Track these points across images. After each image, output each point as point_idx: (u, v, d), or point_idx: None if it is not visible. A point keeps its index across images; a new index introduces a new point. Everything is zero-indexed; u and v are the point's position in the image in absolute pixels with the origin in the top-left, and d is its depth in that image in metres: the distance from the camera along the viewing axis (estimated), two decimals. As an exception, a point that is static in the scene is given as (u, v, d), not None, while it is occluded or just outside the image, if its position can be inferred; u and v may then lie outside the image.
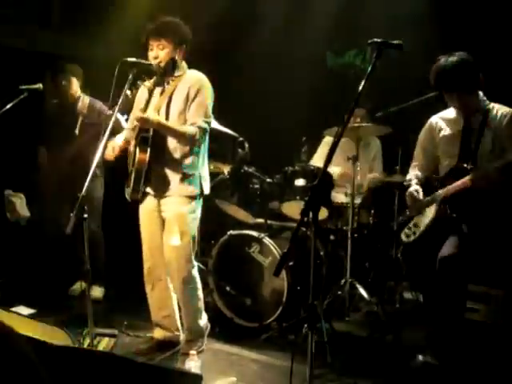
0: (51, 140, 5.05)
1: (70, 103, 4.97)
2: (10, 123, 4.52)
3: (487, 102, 3.55)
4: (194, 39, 3.69)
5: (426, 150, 3.79)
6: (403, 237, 3.67)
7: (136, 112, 3.61)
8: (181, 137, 3.56)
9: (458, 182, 3.40)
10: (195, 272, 3.79)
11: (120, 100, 3.38)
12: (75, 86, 4.96)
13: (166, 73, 3.62)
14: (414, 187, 3.68)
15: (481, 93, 3.55)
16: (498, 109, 3.52)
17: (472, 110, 3.53)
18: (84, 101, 4.96)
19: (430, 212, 3.55)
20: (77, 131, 4.89)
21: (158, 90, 3.70)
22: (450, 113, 3.70)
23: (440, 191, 3.53)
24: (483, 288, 4.23)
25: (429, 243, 3.49)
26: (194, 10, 5.51)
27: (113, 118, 3.29)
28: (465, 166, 3.45)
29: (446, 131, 3.66)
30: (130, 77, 3.40)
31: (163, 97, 3.62)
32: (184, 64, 3.71)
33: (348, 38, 5.93)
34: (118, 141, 3.73)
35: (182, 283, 3.72)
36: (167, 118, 3.61)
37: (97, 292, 4.94)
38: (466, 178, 3.36)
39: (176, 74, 3.64)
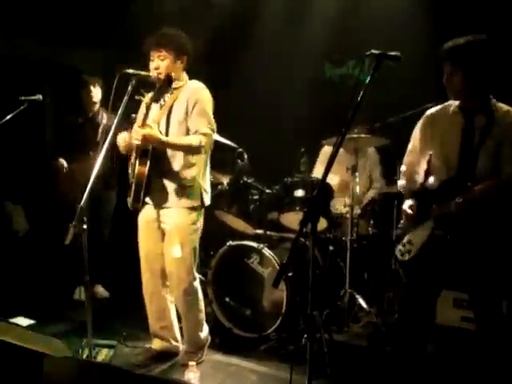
0: (72, 152, 5.07)
1: (91, 116, 5.05)
2: (10, 134, 4.53)
3: (493, 100, 3.06)
4: (193, 52, 3.71)
5: (422, 152, 3.31)
6: (398, 254, 3.27)
7: (137, 129, 3.53)
8: (186, 149, 3.57)
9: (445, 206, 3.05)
10: (197, 284, 3.79)
11: (119, 111, 3.39)
12: (99, 96, 5.05)
13: (164, 88, 3.62)
14: (408, 202, 3.27)
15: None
16: (507, 111, 3.02)
17: (476, 105, 3.04)
18: (103, 114, 5.04)
19: (425, 229, 3.14)
20: (98, 139, 4.93)
21: (156, 104, 3.68)
22: (449, 108, 3.18)
23: (435, 207, 3.11)
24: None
25: (423, 264, 3.14)
26: (192, 24, 5.54)
27: (112, 129, 3.29)
28: (459, 180, 3.03)
29: (444, 130, 3.15)
30: (130, 88, 3.41)
31: (163, 109, 3.61)
32: (185, 75, 3.72)
33: (347, 49, 5.95)
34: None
35: (183, 295, 3.73)
36: (167, 129, 3.62)
37: (100, 290, 5.19)
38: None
39: (175, 86, 3.64)
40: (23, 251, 5.46)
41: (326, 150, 5.20)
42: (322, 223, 4.52)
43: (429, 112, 3.28)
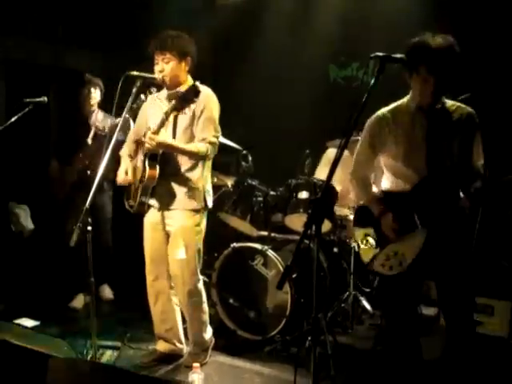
0: (63, 152, 5.07)
1: (84, 116, 5.01)
2: (15, 136, 4.54)
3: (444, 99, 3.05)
4: (195, 53, 3.70)
5: (374, 154, 3.21)
6: (382, 268, 3.09)
7: (152, 136, 3.50)
8: (193, 155, 3.59)
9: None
10: (200, 285, 3.80)
11: (124, 113, 3.40)
12: (98, 98, 5.02)
13: (188, 99, 3.53)
14: (389, 213, 3.08)
15: None
16: (459, 107, 3.04)
17: (435, 105, 3.01)
18: (98, 115, 4.99)
19: (417, 238, 3.00)
20: (89, 140, 4.92)
21: (177, 113, 3.61)
22: (404, 108, 3.10)
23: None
24: (486, 300, 4.23)
25: (416, 273, 3.04)
26: (194, 24, 5.55)
27: (116, 132, 3.30)
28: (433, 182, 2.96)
29: (404, 132, 3.05)
30: (134, 90, 3.42)
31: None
32: (189, 78, 3.72)
33: (351, 51, 5.96)
34: (126, 161, 3.76)
35: (188, 296, 3.74)
36: (174, 134, 3.63)
37: (106, 291, 5.18)
38: None
39: (196, 98, 3.52)
40: (28, 252, 5.46)
41: (330, 152, 5.18)
42: (327, 225, 4.52)
43: (380, 113, 3.15)
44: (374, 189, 3.28)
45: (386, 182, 3.22)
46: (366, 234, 3.20)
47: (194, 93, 3.53)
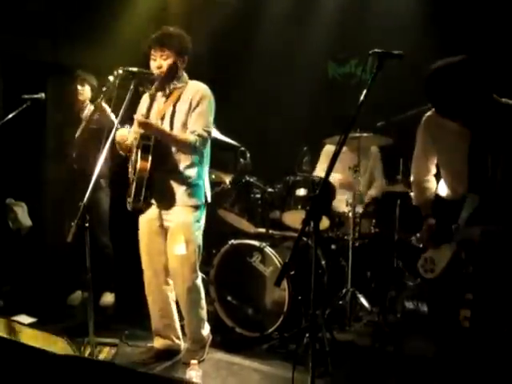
0: (56, 151, 5.06)
1: (76, 111, 4.98)
2: (12, 132, 4.53)
3: (497, 99, 2.83)
4: (194, 50, 3.71)
5: (428, 157, 3.18)
6: (421, 269, 3.11)
7: (138, 117, 3.59)
8: (181, 144, 3.58)
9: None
10: (199, 281, 3.81)
11: (122, 110, 3.39)
12: (88, 94, 4.99)
13: (167, 79, 3.61)
14: (431, 220, 3.10)
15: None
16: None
17: (479, 116, 2.84)
18: (90, 109, 4.96)
19: (447, 251, 2.98)
20: (78, 133, 4.89)
21: (159, 97, 3.69)
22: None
23: (455, 229, 2.96)
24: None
25: (446, 286, 3.03)
26: (193, 22, 5.54)
27: (114, 129, 3.30)
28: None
29: (449, 139, 2.97)
30: (132, 86, 3.41)
31: (166, 105, 3.63)
32: (185, 75, 3.72)
33: (350, 48, 5.96)
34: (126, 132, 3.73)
35: (186, 292, 3.74)
36: (171, 129, 3.63)
37: (108, 297, 5.07)
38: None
39: (178, 83, 3.65)
40: (26, 249, 5.46)
41: (328, 149, 5.19)
42: (324, 222, 4.52)
43: (428, 116, 3.09)
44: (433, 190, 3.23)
45: (441, 187, 3.19)
46: None
47: (173, 72, 3.59)
